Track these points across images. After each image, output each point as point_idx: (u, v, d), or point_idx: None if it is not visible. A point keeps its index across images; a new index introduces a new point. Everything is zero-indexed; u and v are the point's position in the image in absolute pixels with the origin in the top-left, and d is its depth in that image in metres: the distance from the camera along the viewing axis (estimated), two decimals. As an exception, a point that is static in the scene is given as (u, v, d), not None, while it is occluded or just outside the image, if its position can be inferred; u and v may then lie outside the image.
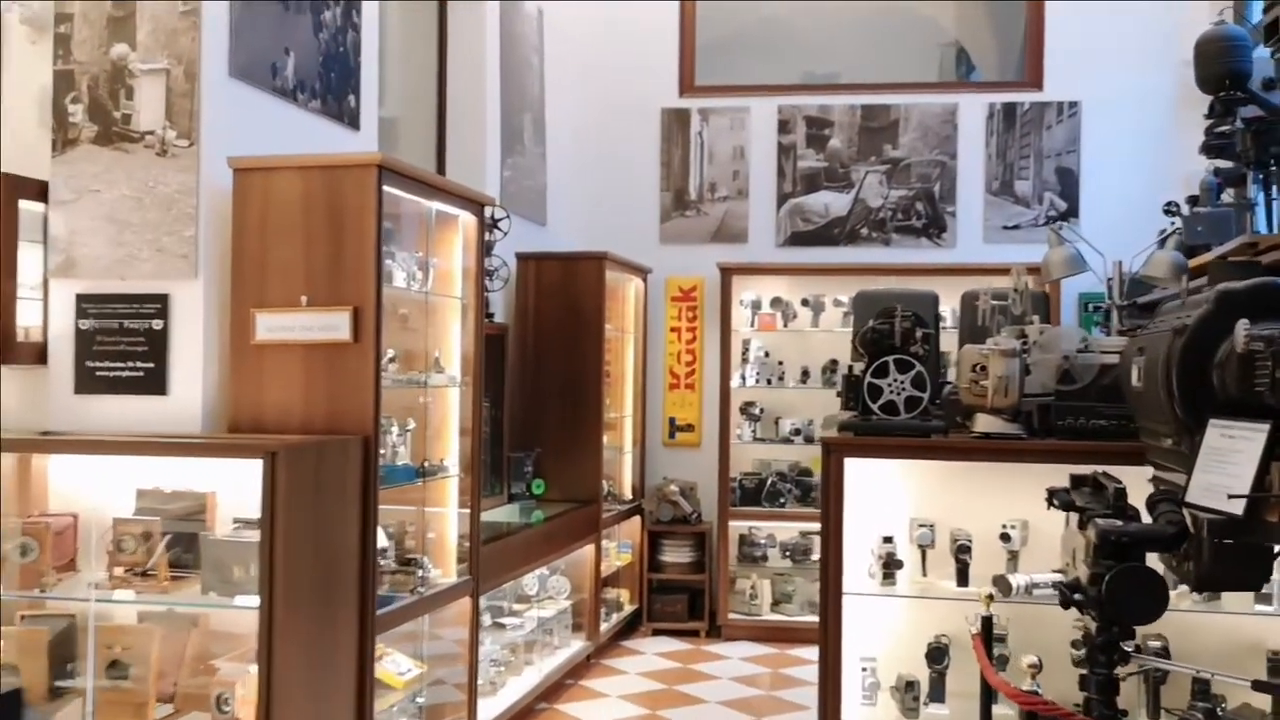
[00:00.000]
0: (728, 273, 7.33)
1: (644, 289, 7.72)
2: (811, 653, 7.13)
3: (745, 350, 7.47)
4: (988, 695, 3.25)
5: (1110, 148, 7.50)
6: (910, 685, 3.84)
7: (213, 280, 3.90)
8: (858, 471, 3.83)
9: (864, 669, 3.93)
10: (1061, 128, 7.57)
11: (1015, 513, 3.97)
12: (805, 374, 7.43)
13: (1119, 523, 2.61)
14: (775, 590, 7.40)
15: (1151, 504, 2.70)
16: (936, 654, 3.87)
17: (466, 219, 4.68)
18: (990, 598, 3.25)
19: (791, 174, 7.80)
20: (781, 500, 7.32)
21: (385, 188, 3.86)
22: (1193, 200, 5.39)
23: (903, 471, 4.04)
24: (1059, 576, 3.79)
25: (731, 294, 7.35)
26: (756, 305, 7.44)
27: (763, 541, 7.41)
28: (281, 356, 3.83)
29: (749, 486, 7.41)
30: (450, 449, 4.66)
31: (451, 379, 4.65)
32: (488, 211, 6.09)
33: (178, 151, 3.82)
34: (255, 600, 3.29)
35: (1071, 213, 7.54)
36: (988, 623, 3.21)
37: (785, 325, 7.44)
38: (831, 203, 7.76)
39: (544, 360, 6.76)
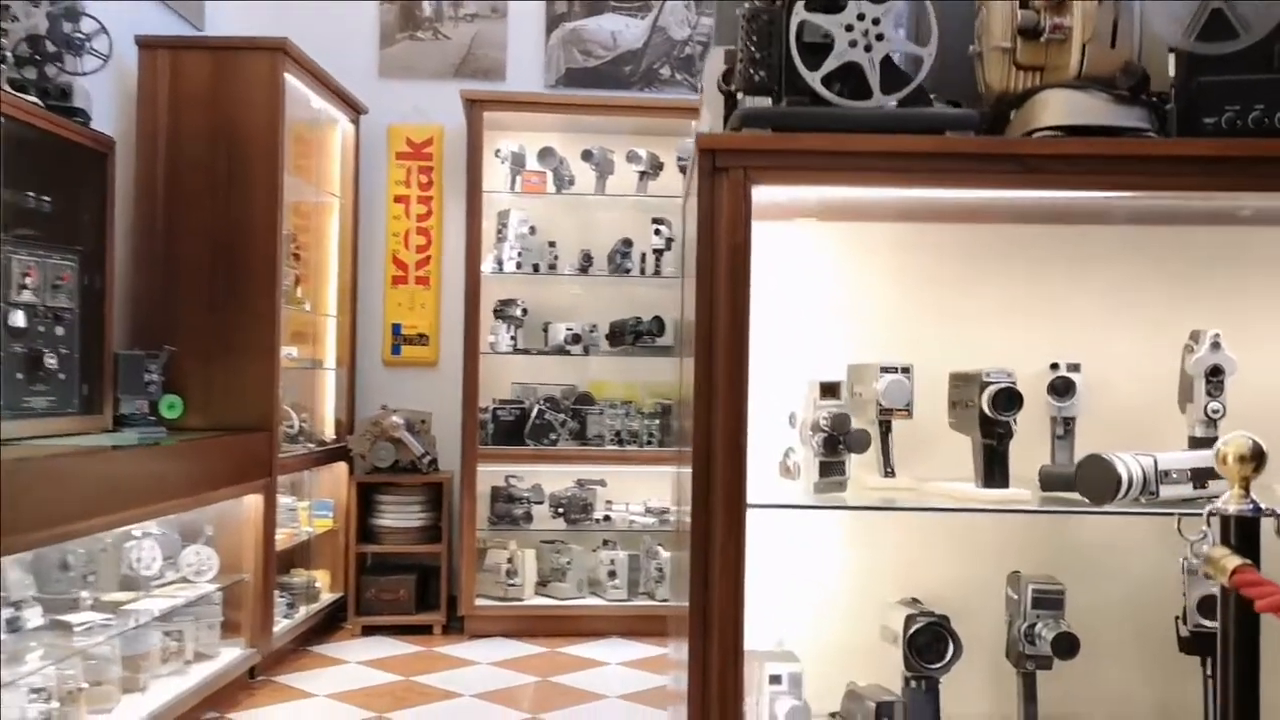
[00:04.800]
0: (478, 107, 5.07)
1: (355, 137, 5.35)
2: (596, 649, 4.77)
3: (503, 225, 5.24)
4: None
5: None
6: (884, 709, 1.74)
7: None
8: (766, 241, 1.71)
9: (774, 679, 1.80)
10: (918, -52, 5.76)
11: (1066, 340, 1.96)
12: (587, 259, 5.28)
13: None
14: (543, 564, 5.21)
15: None
16: (929, 638, 1.79)
17: None
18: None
19: (567, -9, 5.63)
20: (552, 436, 5.14)
21: None
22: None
23: (851, 244, 1.95)
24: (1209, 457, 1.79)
25: (482, 141, 5.10)
26: (519, 161, 5.22)
27: (525, 495, 5.20)
28: None
29: (506, 419, 5.18)
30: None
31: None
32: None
33: None
34: None
35: (930, 60, 5.74)
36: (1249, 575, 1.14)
37: (559, 190, 5.26)
38: (621, 31, 5.64)
39: (184, 210, 4.27)
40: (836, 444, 1.72)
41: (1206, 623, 1.84)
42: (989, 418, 1.74)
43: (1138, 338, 2.00)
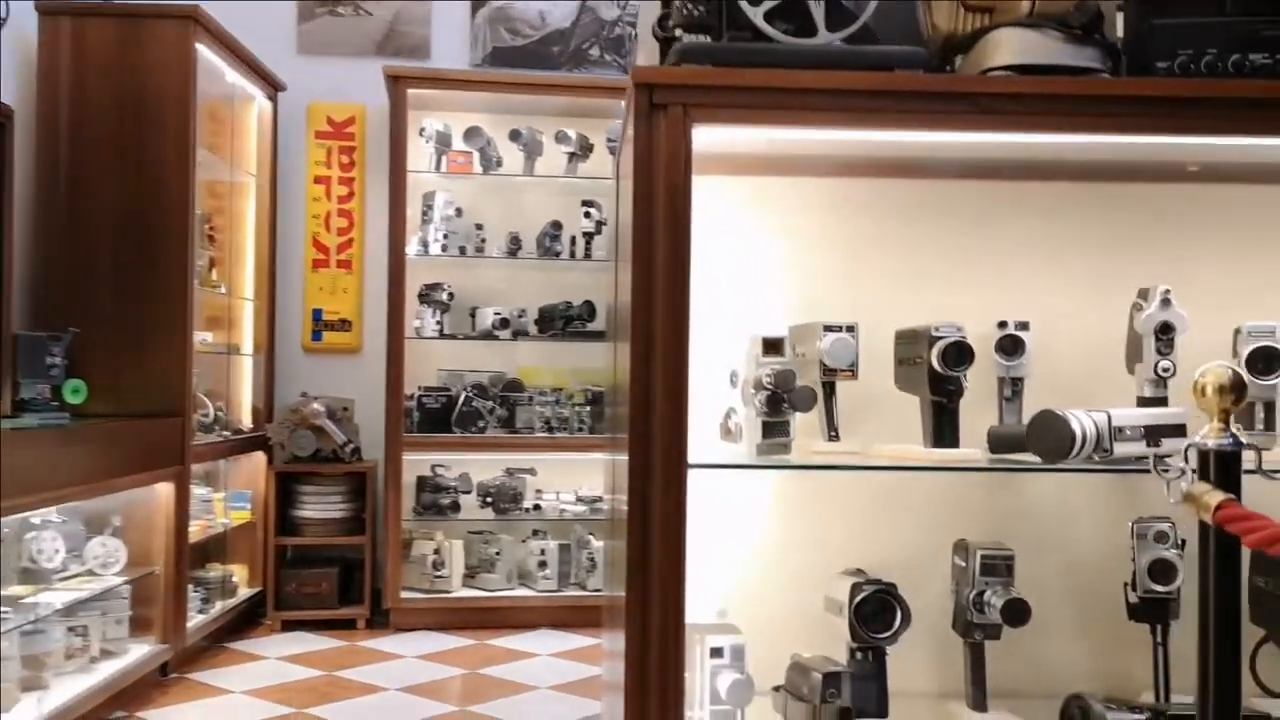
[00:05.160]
0: (401, 84, 4.92)
1: (273, 115, 5.15)
2: (527, 641, 4.63)
3: (428, 206, 5.09)
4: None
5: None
6: (830, 680, 1.65)
7: None
8: (703, 196, 1.62)
9: (715, 652, 1.71)
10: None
11: (1010, 300, 1.91)
12: (515, 243, 5.16)
13: None
14: (471, 554, 5.07)
15: None
16: (875, 607, 1.72)
17: None
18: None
19: (493, -32, 5.50)
20: (480, 424, 5.00)
21: None
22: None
23: (791, 201, 1.87)
24: (1172, 415, 1.72)
25: (406, 120, 4.94)
26: (445, 141, 5.07)
27: (453, 484, 5.06)
28: None
29: (432, 406, 5.04)
30: None
31: None
32: None
33: None
34: None
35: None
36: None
37: (486, 171, 5.13)
38: (549, 10, 5.52)
39: (88, 185, 4.07)
40: (780, 402, 1.63)
41: (1158, 587, 1.79)
42: (938, 374, 1.67)
43: (1083, 297, 1.95)
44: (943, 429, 1.69)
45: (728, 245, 1.90)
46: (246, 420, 5.03)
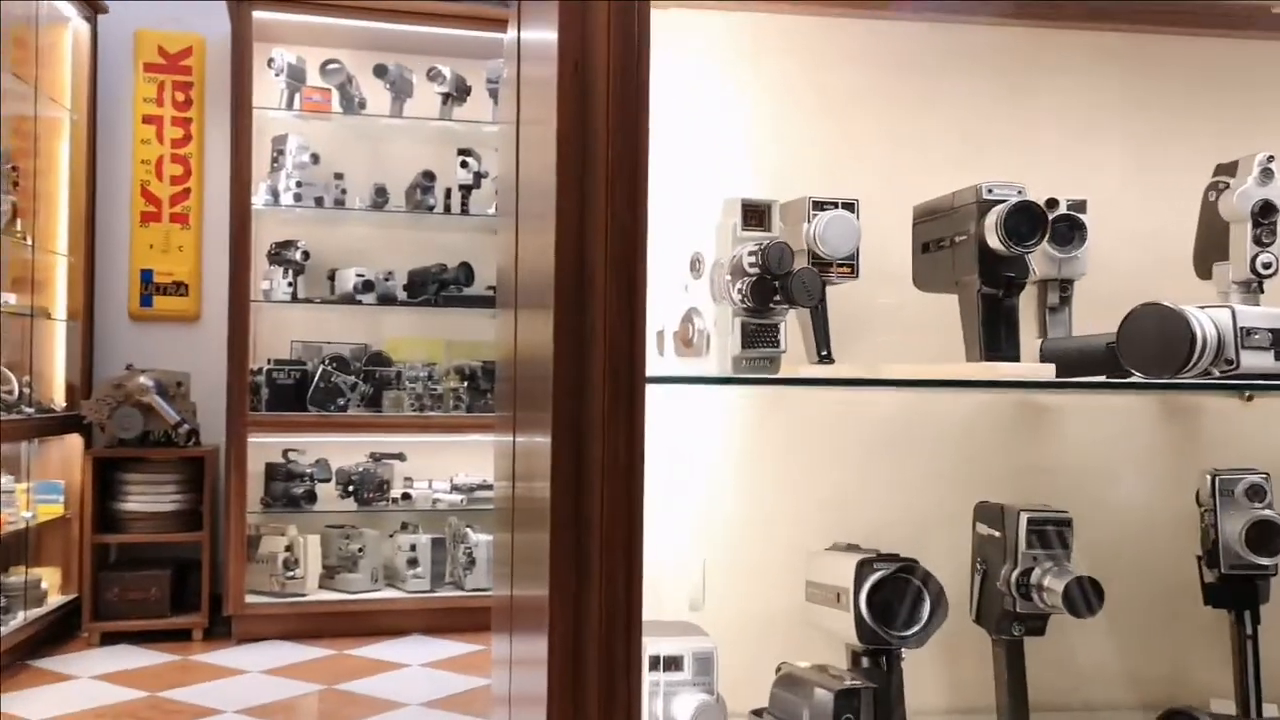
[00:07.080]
0: (245, 6, 4.23)
1: (92, 40, 4.40)
2: (395, 650, 4.00)
3: (279, 151, 4.41)
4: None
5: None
6: (845, 701, 1.12)
7: None
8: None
9: (670, 663, 1.16)
10: None
11: (1042, 181, 1.42)
12: (381, 195, 4.52)
13: None
14: (330, 552, 4.41)
15: None
16: (894, 593, 1.20)
17: None
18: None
19: (356, -113, 4.84)
20: (340, 401, 4.36)
21: None
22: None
23: (764, 44, 1.35)
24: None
25: (251, 49, 4.26)
26: (298, 75, 4.41)
27: (308, 471, 4.40)
28: None
29: (284, 382, 4.37)
30: None
31: None
32: None
33: None
34: None
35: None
36: None
37: (346, 112, 4.48)
38: (421, -63, 4.89)
39: None
40: (770, 292, 1.10)
41: (1261, 559, 1.33)
42: (995, 254, 1.17)
43: (1134, 177, 1.48)
44: (997, 333, 1.18)
45: (682, 101, 1.36)
46: (58, 397, 4.28)
